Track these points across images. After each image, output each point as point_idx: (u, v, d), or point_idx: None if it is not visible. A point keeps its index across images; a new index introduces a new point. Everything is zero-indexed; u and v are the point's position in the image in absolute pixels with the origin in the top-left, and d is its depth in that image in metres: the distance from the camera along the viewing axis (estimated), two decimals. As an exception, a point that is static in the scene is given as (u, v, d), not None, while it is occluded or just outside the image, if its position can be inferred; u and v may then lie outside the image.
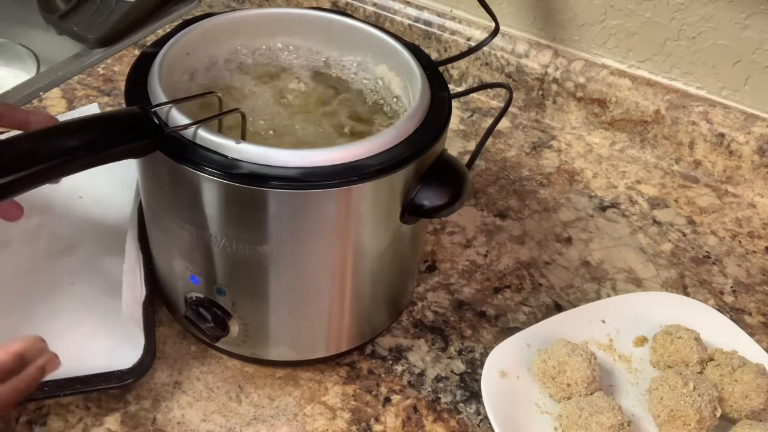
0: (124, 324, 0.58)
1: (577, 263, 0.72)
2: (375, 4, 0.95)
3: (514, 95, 0.90)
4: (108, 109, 0.83)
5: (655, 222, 0.78)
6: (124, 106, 0.50)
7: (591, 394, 0.57)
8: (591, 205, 0.79)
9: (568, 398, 0.57)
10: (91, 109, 0.80)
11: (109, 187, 0.69)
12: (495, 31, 0.75)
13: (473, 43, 0.87)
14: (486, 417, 0.57)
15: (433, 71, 0.57)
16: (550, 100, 0.89)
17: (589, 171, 0.84)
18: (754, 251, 0.76)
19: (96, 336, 0.59)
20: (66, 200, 0.54)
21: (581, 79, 0.86)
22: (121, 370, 0.56)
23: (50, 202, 0.44)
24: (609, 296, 0.69)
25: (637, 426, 0.58)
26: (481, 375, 0.58)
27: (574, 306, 0.66)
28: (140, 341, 0.57)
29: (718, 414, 0.56)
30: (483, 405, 0.56)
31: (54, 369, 0.49)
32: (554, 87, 0.88)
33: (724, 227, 0.78)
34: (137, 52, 0.85)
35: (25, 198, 0.45)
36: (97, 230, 0.67)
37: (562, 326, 0.62)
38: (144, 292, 0.60)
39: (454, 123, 0.88)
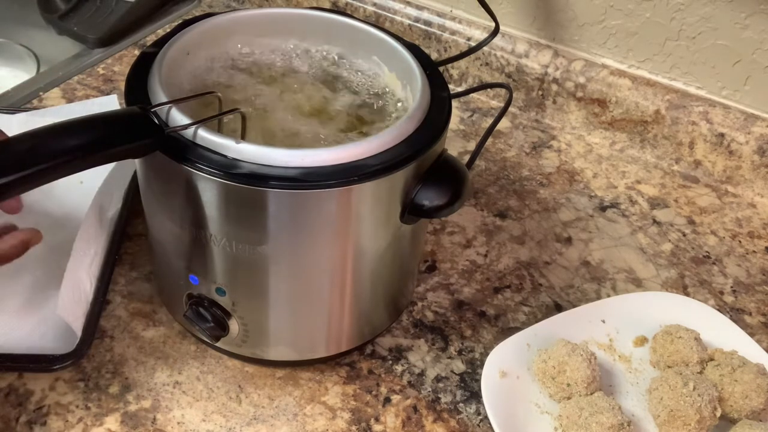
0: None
1: (577, 263, 0.72)
2: (375, 4, 0.95)
3: (514, 95, 0.90)
4: (108, 109, 0.83)
5: (655, 222, 0.78)
6: (124, 106, 0.50)
7: (591, 394, 0.57)
8: (591, 205, 0.79)
9: (568, 398, 0.57)
10: (111, 100, 0.80)
11: (110, 177, 0.70)
12: (495, 31, 0.75)
13: (473, 43, 0.87)
14: (486, 417, 0.57)
15: (433, 71, 0.57)
16: (550, 100, 0.89)
17: (589, 171, 0.84)
18: (754, 251, 0.76)
19: (43, 317, 0.59)
20: (68, 183, 0.56)
21: (581, 79, 0.86)
22: (53, 355, 0.57)
23: (54, 182, 0.45)
24: (609, 296, 0.69)
25: (637, 426, 0.58)
26: (481, 375, 0.58)
27: (574, 306, 0.66)
28: (75, 338, 0.58)
29: (718, 414, 0.55)
30: (483, 405, 0.56)
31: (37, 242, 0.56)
32: (554, 87, 0.88)
33: (724, 227, 0.78)
34: (137, 52, 0.85)
35: None
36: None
37: (562, 326, 0.62)
38: (92, 291, 0.61)
39: (454, 123, 0.88)
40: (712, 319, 0.64)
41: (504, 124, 0.89)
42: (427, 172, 0.51)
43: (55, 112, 0.79)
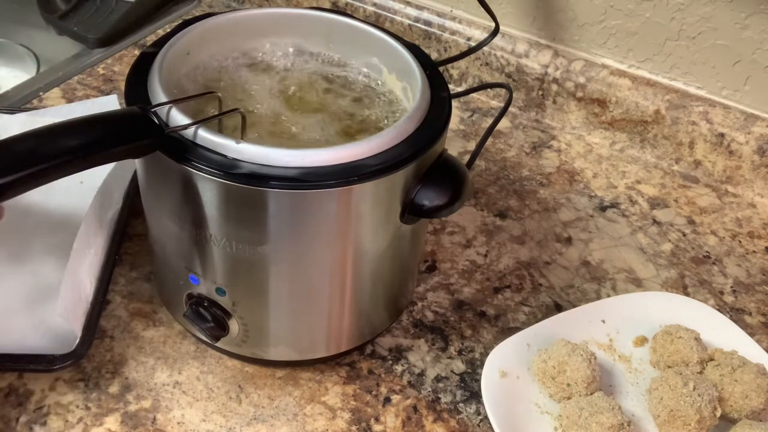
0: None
1: (577, 263, 0.72)
2: (375, 4, 0.95)
3: (514, 95, 0.90)
4: (108, 109, 0.83)
5: (655, 222, 0.78)
6: (124, 106, 0.50)
7: (591, 394, 0.57)
8: (591, 205, 0.79)
9: (568, 398, 0.57)
10: (111, 100, 0.80)
11: (110, 177, 0.70)
12: (495, 31, 0.75)
13: (473, 43, 0.87)
14: (486, 417, 0.57)
15: (433, 71, 0.57)
16: (550, 100, 0.89)
17: (589, 171, 0.84)
18: (754, 251, 0.76)
19: (43, 317, 0.59)
20: (68, 183, 0.56)
21: (581, 79, 0.86)
22: (53, 355, 0.56)
23: (54, 183, 0.45)
24: (609, 296, 0.69)
25: (637, 426, 0.58)
26: (481, 375, 0.58)
27: (574, 306, 0.66)
28: (75, 338, 0.58)
29: (718, 414, 0.56)
30: (483, 405, 0.56)
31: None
32: (554, 87, 0.88)
33: (724, 227, 0.78)
34: (137, 52, 0.85)
35: None
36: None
37: (562, 326, 0.62)
38: (92, 291, 0.61)
39: (454, 123, 0.88)
40: (712, 319, 0.64)
41: (504, 124, 0.89)
42: (427, 172, 0.51)
43: (55, 112, 0.79)
